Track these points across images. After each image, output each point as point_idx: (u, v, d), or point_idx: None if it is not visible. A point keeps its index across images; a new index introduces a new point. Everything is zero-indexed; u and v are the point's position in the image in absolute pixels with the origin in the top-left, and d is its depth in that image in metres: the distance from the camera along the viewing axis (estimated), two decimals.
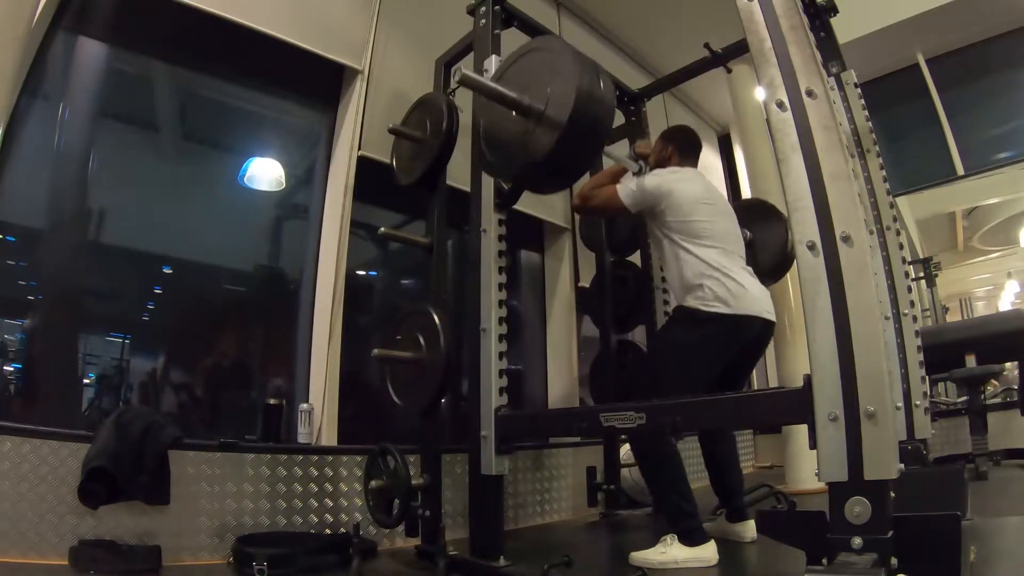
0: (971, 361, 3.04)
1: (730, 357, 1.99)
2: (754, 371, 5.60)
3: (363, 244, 2.97)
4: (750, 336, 1.98)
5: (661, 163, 2.27)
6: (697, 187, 2.12)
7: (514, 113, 1.61)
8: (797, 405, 1.21)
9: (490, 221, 2.05)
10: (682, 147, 2.28)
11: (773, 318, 2.03)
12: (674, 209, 2.04)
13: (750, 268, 2.10)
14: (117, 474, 1.74)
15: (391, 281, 3.35)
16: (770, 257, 2.69)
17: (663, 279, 2.84)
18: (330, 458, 2.24)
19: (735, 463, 2.26)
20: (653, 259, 2.93)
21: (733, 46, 2.71)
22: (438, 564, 1.83)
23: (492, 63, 2.15)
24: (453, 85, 1.65)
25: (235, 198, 2.73)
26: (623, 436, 2.93)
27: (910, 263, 2.89)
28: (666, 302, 2.88)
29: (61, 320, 2.20)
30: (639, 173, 2.19)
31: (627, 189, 2.10)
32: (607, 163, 2.56)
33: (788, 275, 3.63)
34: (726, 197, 2.29)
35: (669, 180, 2.09)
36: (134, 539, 1.81)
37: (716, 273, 1.95)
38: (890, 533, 1.06)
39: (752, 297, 1.96)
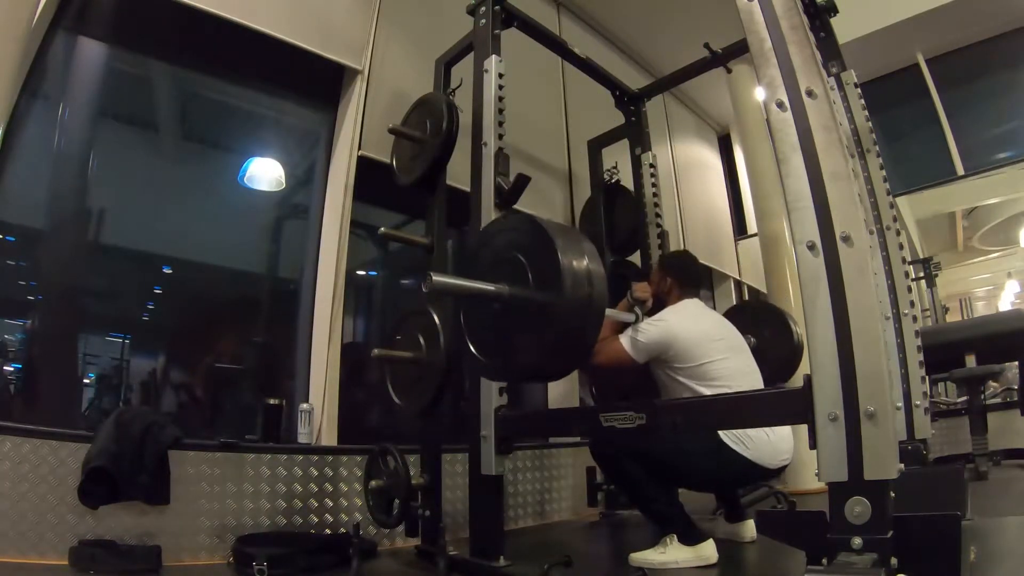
0: (971, 361, 3.04)
1: None
2: None
3: (363, 244, 2.97)
4: (764, 477, 1.98)
5: (659, 299, 2.19)
6: (704, 324, 2.04)
7: (495, 305, 1.42)
8: (797, 405, 1.21)
9: (490, 221, 2.04)
10: (682, 279, 2.19)
11: (788, 460, 1.95)
12: (682, 355, 1.94)
13: None
14: (117, 474, 1.74)
15: (391, 281, 3.35)
16: (779, 357, 2.44)
17: None
18: (330, 458, 2.24)
19: None
20: (653, 259, 2.91)
21: (733, 46, 2.71)
22: (438, 564, 1.83)
23: (492, 63, 2.16)
24: (425, 291, 1.35)
25: (235, 198, 2.73)
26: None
27: (910, 263, 2.89)
28: None
29: (61, 320, 2.20)
30: (638, 321, 2.06)
31: (631, 340, 1.99)
32: None
33: (788, 274, 3.65)
34: (735, 330, 2.15)
35: (672, 324, 2.00)
36: (134, 539, 1.81)
37: None
38: (890, 533, 1.06)
39: (772, 448, 1.88)
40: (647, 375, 2.05)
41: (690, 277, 2.22)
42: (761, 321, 2.58)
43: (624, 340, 2.00)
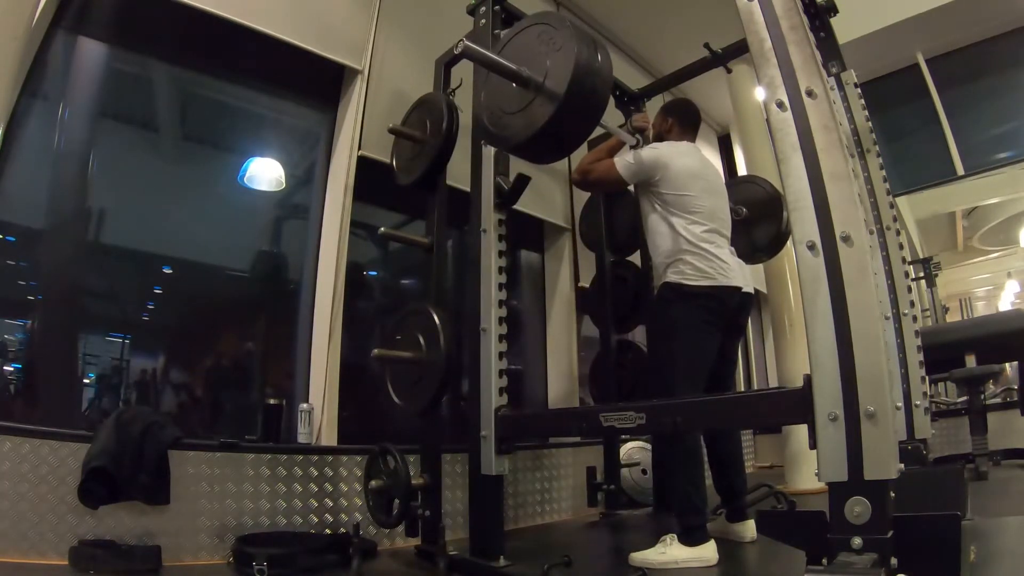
0: (971, 361, 3.04)
1: (720, 331, 2.04)
2: (754, 371, 5.61)
3: (363, 244, 2.97)
4: (732, 306, 2.04)
5: (660, 136, 2.31)
6: (693, 162, 2.16)
7: (514, 85, 1.64)
8: (797, 405, 1.21)
9: (490, 221, 2.05)
10: (682, 120, 2.30)
11: (751, 289, 2.10)
12: (668, 182, 2.08)
13: (733, 249, 2.14)
14: (117, 474, 1.74)
15: (391, 281, 3.35)
16: (765, 233, 2.71)
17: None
18: (330, 458, 2.24)
19: (740, 463, 2.24)
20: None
21: (733, 46, 2.71)
22: (438, 564, 1.83)
23: None
24: (456, 52, 1.69)
25: (235, 198, 2.73)
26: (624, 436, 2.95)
27: (910, 263, 2.89)
28: None
29: (61, 320, 2.20)
30: (636, 147, 2.23)
31: (624, 161, 2.13)
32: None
33: (788, 274, 3.65)
34: (722, 175, 2.31)
35: (666, 153, 2.12)
36: (134, 539, 1.81)
37: (698, 249, 2.00)
38: (890, 533, 1.06)
39: (731, 270, 2.02)
40: (645, 374, 2.06)
41: (689, 120, 2.32)
42: (756, 197, 2.74)
43: (618, 160, 2.15)
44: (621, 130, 2.35)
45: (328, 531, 2.17)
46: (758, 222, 2.71)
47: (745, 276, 2.10)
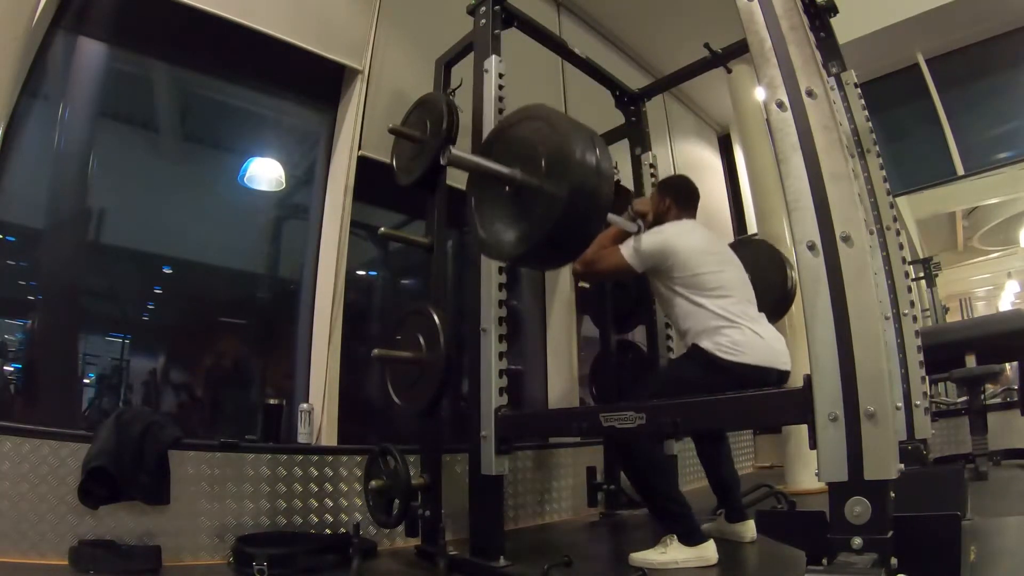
0: (971, 361, 3.04)
1: None
2: None
3: (363, 244, 2.97)
4: (778, 381, 1.94)
5: (659, 217, 2.23)
6: (699, 238, 2.09)
7: (507, 188, 1.52)
8: (797, 405, 1.21)
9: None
10: (680, 199, 2.24)
11: (789, 368, 1.95)
12: (680, 265, 1.99)
13: (763, 315, 2.04)
14: (117, 474, 1.74)
15: (391, 281, 3.35)
16: (771, 297, 2.56)
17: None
18: (330, 458, 2.24)
19: (728, 460, 2.27)
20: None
21: (733, 46, 2.71)
22: (438, 564, 1.83)
23: (492, 63, 2.16)
24: (442, 162, 1.52)
25: (235, 198, 2.73)
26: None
27: (910, 263, 2.89)
28: None
29: (61, 320, 2.20)
30: (639, 232, 2.14)
31: (631, 251, 2.05)
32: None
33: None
34: (727, 245, 2.24)
35: (671, 235, 2.05)
36: (134, 539, 1.81)
37: (732, 323, 1.89)
38: (890, 533, 1.06)
39: (769, 348, 1.91)
40: (646, 376, 2.06)
41: (687, 198, 2.26)
42: (758, 259, 2.62)
43: (625, 249, 2.07)
44: (622, 218, 2.24)
45: (328, 531, 2.17)
46: (763, 284, 2.50)
47: (784, 352, 1.97)
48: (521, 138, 1.53)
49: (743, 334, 1.88)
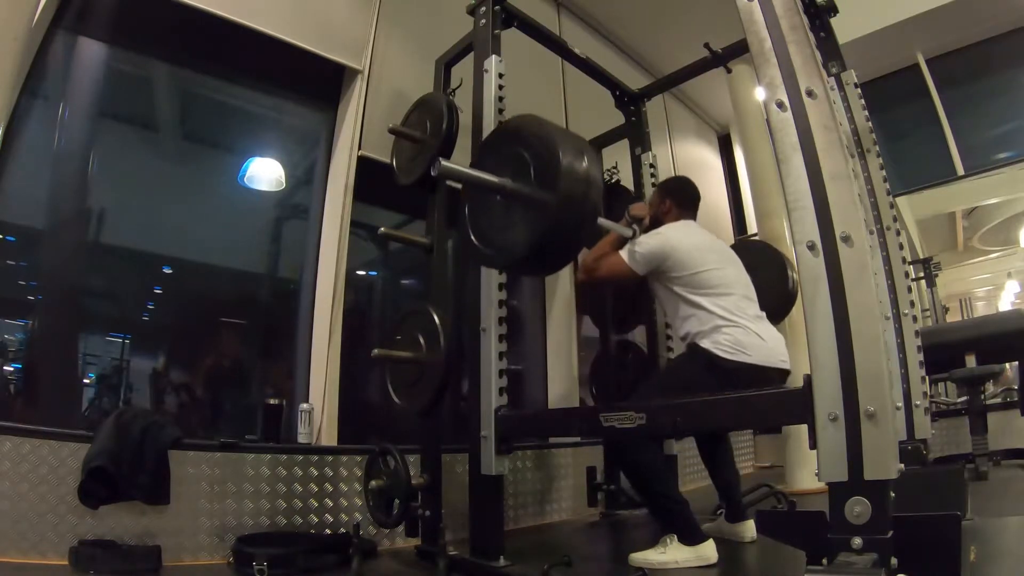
0: (971, 361, 3.04)
1: None
2: None
3: (363, 244, 2.97)
4: (779, 379, 1.94)
5: (658, 217, 2.22)
6: (698, 237, 2.09)
7: (499, 197, 1.56)
8: (797, 405, 1.20)
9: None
10: (680, 201, 2.24)
11: (788, 367, 1.96)
12: (681, 264, 1.99)
13: (763, 313, 2.04)
14: (117, 474, 1.74)
15: (391, 281, 3.35)
16: (772, 298, 2.51)
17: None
18: (330, 458, 2.24)
19: (730, 460, 2.27)
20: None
21: (733, 46, 2.71)
22: (438, 564, 1.83)
23: (492, 63, 2.16)
24: (433, 174, 1.57)
25: (235, 198, 2.73)
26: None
27: (910, 263, 2.89)
28: None
29: (61, 320, 2.20)
30: (635, 236, 2.13)
31: (631, 254, 2.05)
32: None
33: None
34: (727, 247, 2.25)
35: (670, 236, 2.06)
36: (134, 539, 1.81)
37: (732, 322, 1.89)
38: (890, 533, 1.06)
39: (769, 348, 1.91)
40: (646, 376, 2.06)
41: (687, 199, 2.26)
42: (758, 261, 2.59)
43: (623, 253, 2.07)
44: (618, 224, 2.22)
45: (328, 531, 2.17)
46: (762, 287, 2.47)
47: (783, 351, 1.98)
48: (512, 148, 1.56)
49: (744, 334, 1.87)
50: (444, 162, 1.56)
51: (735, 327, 1.88)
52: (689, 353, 1.98)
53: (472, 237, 1.66)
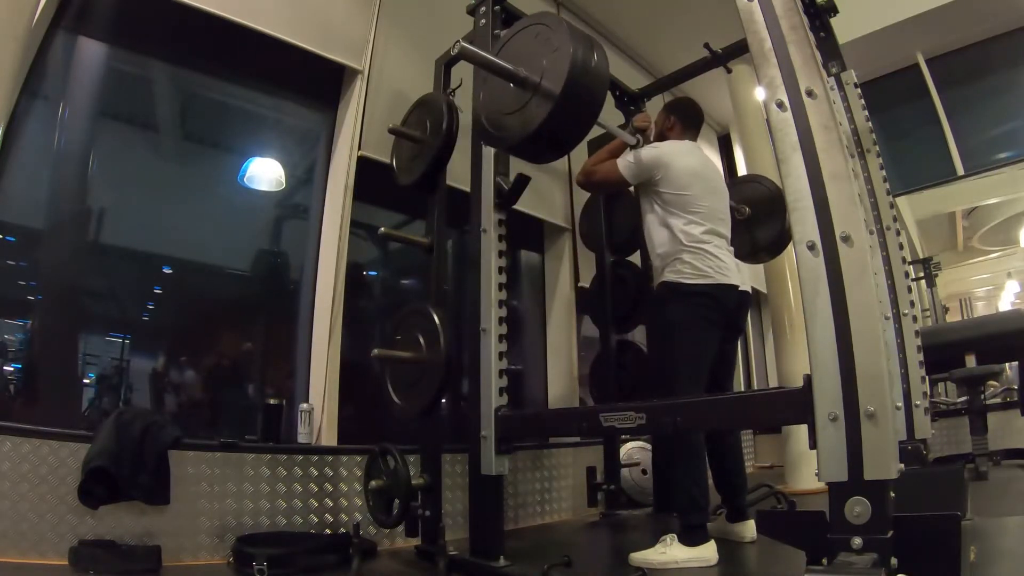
0: (971, 361, 3.04)
1: (720, 329, 2.03)
2: (754, 371, 5.61)
3: (363, 244, 2.97)
4: (730, 306, 2.04)
5: (662, 135, 2.30)
6: (695, 161, 2.16)
7: (511, 85, 1.65)
8: (797, 405, 1.21)
9: (490, 221, 2.05)
10: (684, 119, 2.31)
11: (749, 288, 2.11)
12: (669, 181, 2.08)
13: (732, 248, 2.15)
14: (117, 474, 1.74)
15: (391, 281, 3.35)
16: (768, 232, 2.69)
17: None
18: (330, 458, 2.24)
19: (740, 461, 2.26)
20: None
21: (733, 46, 2.71)
22: (438, 564, 1.83)
23: None
24: (452, 53, 1.67)
25: (235, 198, 2.73)
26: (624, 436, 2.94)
27: (910, 263, 2.89)
28: None
29: (61, 320, 2.20)
30: (637, 146, 2.24)
31: (626, 162, 2.15)
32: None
33: (788, 274, 3.65)
34: (722, 174, 2.32)
35: (667, 152, 2.13)
36: (134, 539, 1.81)
37: (696, 249, 2.01)
38: (890, 533, 1.06)
39: (728, 268, 2.03)
40: (645, 374, 2.06)
41: (692, 119, 2.33)
42: (760, 196, 2.72)
43: (620, 161, 2.18)
44: (623, 131, 2.35)
45: (328, 531, 2.17)
46: (761, 222, 2.69)
47: (743, 275, 2.11)
48: (526, 42, 1.67)
49: (701, 259, 2.00)
50: (463, 43, 1.66)
51: (693, 253, 2.00)
52: (658, 295, 2.11)
53: (482, 119, 1.77)
